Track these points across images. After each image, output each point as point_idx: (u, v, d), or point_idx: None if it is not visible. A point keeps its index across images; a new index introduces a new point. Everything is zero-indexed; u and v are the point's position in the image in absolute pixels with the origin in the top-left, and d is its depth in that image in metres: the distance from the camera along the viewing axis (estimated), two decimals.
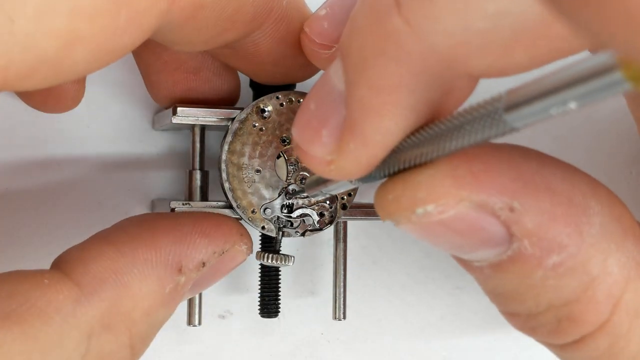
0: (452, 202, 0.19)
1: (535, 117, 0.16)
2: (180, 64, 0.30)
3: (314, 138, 0.21)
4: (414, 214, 0.20)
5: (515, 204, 0.20)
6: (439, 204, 0.19)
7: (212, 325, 0.34)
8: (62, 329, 0.22)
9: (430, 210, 0.20)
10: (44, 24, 0.18)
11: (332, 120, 0.20)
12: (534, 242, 0.20)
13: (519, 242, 0.20)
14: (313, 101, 0.21)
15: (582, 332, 0.21)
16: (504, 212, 0.20)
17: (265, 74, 0.29)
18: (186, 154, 0.33)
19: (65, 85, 0.29)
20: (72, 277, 0.23)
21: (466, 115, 0.18)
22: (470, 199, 0.20)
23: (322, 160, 0.21)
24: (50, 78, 0.19)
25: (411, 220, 0.20)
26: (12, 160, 0.31)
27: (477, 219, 0.20)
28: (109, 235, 0.25)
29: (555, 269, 0.20)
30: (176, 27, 0.23)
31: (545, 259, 0.20)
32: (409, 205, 0.20)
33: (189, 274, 0.25)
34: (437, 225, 0.20)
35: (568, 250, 0.20)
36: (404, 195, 0.20)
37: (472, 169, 0.20)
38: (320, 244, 0.35)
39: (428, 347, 0.36)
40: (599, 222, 0.20)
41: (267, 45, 0.27)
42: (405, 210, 0.20)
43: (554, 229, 0.20)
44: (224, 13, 0.23)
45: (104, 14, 0.19)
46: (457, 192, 0.19)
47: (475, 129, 0.18)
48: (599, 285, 0.20)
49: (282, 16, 0.26)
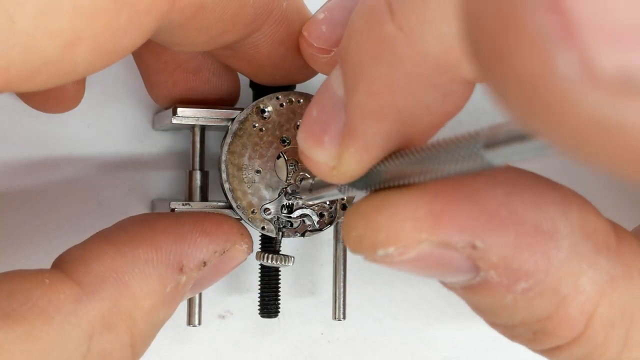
0: (412, 244, 0.19)
1: (514, 158, 0.16)
2: (180, 64, 0.30)
3: (316, 144, 0.21)
4: (375, 254, 0.20)
5: (478, 242, 0.20)
6: (399, 247, 0.19)
7: (212, 325, 0.34)
8: (63, 329, 0.22)
9: (391, 252, 0.20)
10: (45, 24, 0.18)
11: (333, 126, 0.21)
12: (500, 273, 0.20)
13: (486, 272, 0.20)
14: (315, 108, 0.21)
15: (558, 343, 0.21)
16: (466, 249, 0.20)
17: (265, 75, 0.29)
18: (186, 154, 0.33)
19: (65, 86, 0.29)
20: (73, 277, 0.23)
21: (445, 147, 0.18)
22: (431, 240, 0.20)
23: (325, 165, 0.21)
24: (51, 79, 0.19)
25: (374, 259, 0.20)
26: (12, 160, 0.31)
27: (440, 255, 0.20)
28: (109, 235, 0.25)
29: (525, 293, 0.20)
30: (176, 27, 0.23)
31: (513, 286, 0.20)
32: (370, 246, 0.20)
33: (190, 273, 0.25)
34: (400, 264, 0.20)
35: (536, 277, 0.20)
36: (365, 236, 0.20)
37: (432, 210, 0.19)
38: (320, 244, 0.35)
39: (428, 346, 0.36)
40: (567, 244, 0.20)
41: (267, 47, 0.27)
42: (367, 250, 0.20)
43: (519, 259, 0.20)
44: (224, 14, 0.23)
45: (104, 14, 0.19)
46: (417, 235, 0.19)
47: (454, 161, 0.18)
48: (571, 303, 0.20)
49: (282, 18, 0.26)
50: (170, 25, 0.22)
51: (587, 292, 0.20)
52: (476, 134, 0.17)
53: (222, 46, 0.26)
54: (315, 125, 0.21)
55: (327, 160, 0.21)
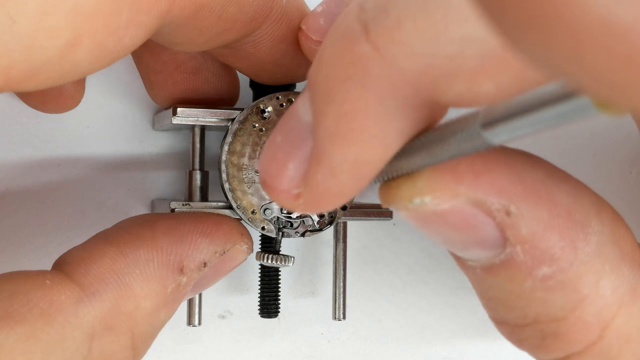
0: (449, 196, 0.20)
1: (511, 135, 0.16)
2: (179, 64, 0.30)
3: (280, 171, 0.20)
4: (410, 202, 0.20)
5: (512, 208, 0.20)
6: (436, 196, 0.19)
7: (212, 325, 0.34)
8: (64, 330, 0.22)
9: (427, 202, 0.20)
10: (46, 24, 0.18)
11: (299, 152, 0.20)
12: (526, 250, 0.20)
13: (512, 247, 0.20)
14: (279, 134, 0.21)
15: (568, 351, 0.21)
16: (500, 214, 0.20)
17: (265, 73, 0.29)
18: (186, 154, 0.33)
19: (64, 85, 0.29)
20: (74, 278, 0.23)
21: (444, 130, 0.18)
22: (467, 195, 0.20)
23: (289, 194, 0.20)
24: (52, 79, 0.19)
25: (408, 208, 0.20)
26: (12, 160, 0.31)
27: (472, 216, 0.20)
28: (110, 236, 0.25)
29: (545, 280, 0.20)
30: (177, 27, 0.23)
31: (535, 269, 0.20)
32: (408, 195, 0.20)
33: (191, 274, 0.25)
34: (433, 217, 0.20)
35: (559, 264, 0.20)
36: (404, 184, 0.20)
37: (474, 167, 0.20)
38: (320, 244, 0.35)
39: (428, 347, 0.36)
40: (596, 241, 0.20)
41: (268, 45, 0.27)
42: (402, 199, 0.20)
43: (547, 240, 0.20)
44: (224, 13, 0.23)
45: (105, 13, 0.19)
46: (455, 187, 0.19)
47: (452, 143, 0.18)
48: (589, 306, 0.20)
49: (282, 15, 0.26)
50: (171, 25, 0.22)
51: (607, 297, 0.20)
52: (474, 114, 0.17)
53: (223, 45, 0.26)
54: (279, 152, 0.20)
55: (291, 188, 0.20)
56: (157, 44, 0.26)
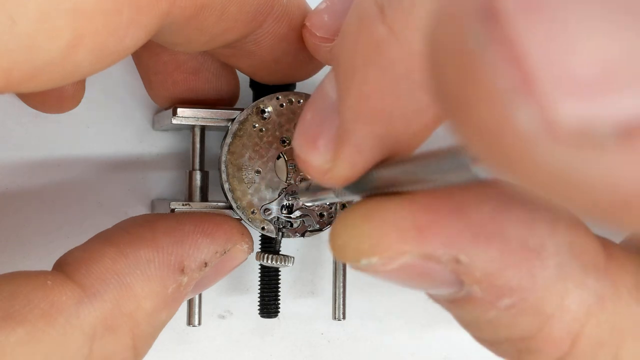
0: (395, 255, 0.19)
1: None
2: (179, 64, 0.30)
3: (311, 147, 0.21)
4: (358, 263, 0.20)
5: (462, 257, 0.19)
6: (382, 257, 0.19)
7: (212, 325, 0.34)
8: (65, 331, 0.22)
9: (375, 262, 0.19)
10: (46, 25, 0.18)
11: (327, 129, 0.21)
12: (484, 288, 0.20)
13: (469, 286, 0.20)
14: (309, 111, 0.21)
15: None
16: (450, 263, 0.19)
17: (266, 72, 0.29)
18: (186, 155, 0.33)
19: (65, 86, 0.29)
20: (75, 279, 0.23)
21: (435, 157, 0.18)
22: (414, 252, 0.19)
23: (320, 168, 0.21)
24: (53, 79, 0.19)
25: (358, 267, 0.20)
26: (12, 160, 0.31)
27: (424, 267, 0.20)
28: (110, 236, 0.25)
29: (508, 310, 0.20)
30: (177, 27, 0.23)
31: (496, 302, 0.20)
32: (354, 256, 0.20)
33: (192, 274, 0.25)
34: (384, 274, 0.20)
35: (519, 294, 0.20)
36: (349, 245, 0.20)
37: (417, 222, 0.19)
38: (320, 244, 0.35)
39: (428, 347, 0.36)
40: (554, 263, 0.20)
41: (269, 43, 0.27)
42: (351, 259, 0.20)
43: (504, 276, 0.20)
44: (225, 13, 0.23)
45: (105, 14, 0.19)
46: (400, 247, 0.19)
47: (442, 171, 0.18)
48: (556, 323, 0.20)
49: (283, 14, 0.26)
50: (172, 25, 0.22)
51: (573, 311, 0.20)
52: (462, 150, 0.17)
53: (224, 45, 0.26)
54: (309, 128, 0.21)
55: (321, 164, 0.21)
56: (157, 45, 0.26)
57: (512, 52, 0.10)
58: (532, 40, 0.10)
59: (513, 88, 0.10)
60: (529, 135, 0.10)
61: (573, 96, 0.10)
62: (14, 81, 0.18)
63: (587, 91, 0.10)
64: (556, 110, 0.10)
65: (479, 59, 0.11)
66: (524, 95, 0.10)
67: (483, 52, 0.11)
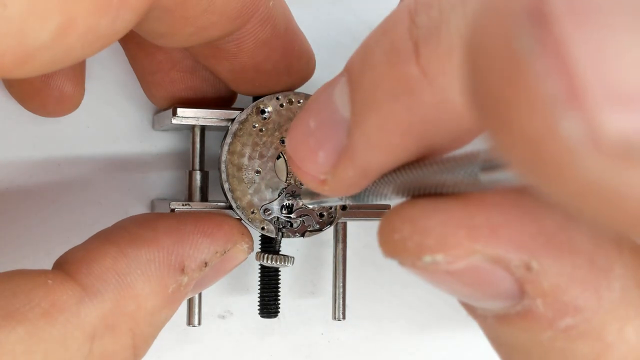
0: (464, 254, 0.18)
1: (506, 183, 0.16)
2: (175, 63, 0.29)
3: (309, 156, 0.20)
4: (420, 260, 0.18)
5: (534, 263, 0.18)
6: (449, 255, 0.18)
7: (212, 325, 0.34)
8: (65, 330, 0.22)
9: (439, 260, 0.18)
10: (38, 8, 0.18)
11: (331, 143, 0.20)
12: (547, 303, 0.18)
13: (531, 300, 0.18)
14: (313, 119, 0.20)
15: None
16: (519, 270, 0.18)
17: (245, 79, 0.28)
18: (186, 154, 0.33)
19: (64, 87, 0.29)
20: (76, 278, 0.23)
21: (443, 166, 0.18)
22: (484, 253, 0.18)
23: (315, 177, 0.20)
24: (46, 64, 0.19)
25: (416, 265, 0.18)
26: (12, 160, 0.31)
27: (488, 273, 0.18)
28: (111, 235, 0.25)
29: (567, 331, 0.19)
30: (164, 13, 0.22)
31: (557, 321, 0.18)
32: (416, 251, 0.18)
33: (192, 274, 0.25)
34: (444, 275, 0.18)
35: (583, 314, 0.18)
36: (411, 240, 0.18)
37: (491, 220, 0.18)
38: (320, 244, 0.35)
39: (428, 347, 0.36)
40: (619, 286, 0.19)
41: (250, 46, 0.26)
42: (411, 255, 0.18)
43: (571, 292, 0.18)
44: (211, 4, 0.23)
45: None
46: (471, 245, 0.18)
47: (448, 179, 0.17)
48: (613, 353, 0.19)
49: (267, 17, 0.26)
50: (158, 11, 0.22)
51: (631, 342, 0.19)
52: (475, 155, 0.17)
53: (206, 41, 0.25)
54: (311, 137, 0.20)
55: (317, 174, 0.20)
56: (150, 44, 0.26)
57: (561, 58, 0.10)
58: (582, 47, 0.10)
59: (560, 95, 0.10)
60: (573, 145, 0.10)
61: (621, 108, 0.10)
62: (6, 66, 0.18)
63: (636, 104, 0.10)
64: (603, 121, 0.10)
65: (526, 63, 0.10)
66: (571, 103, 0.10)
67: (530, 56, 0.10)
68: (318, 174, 0.20)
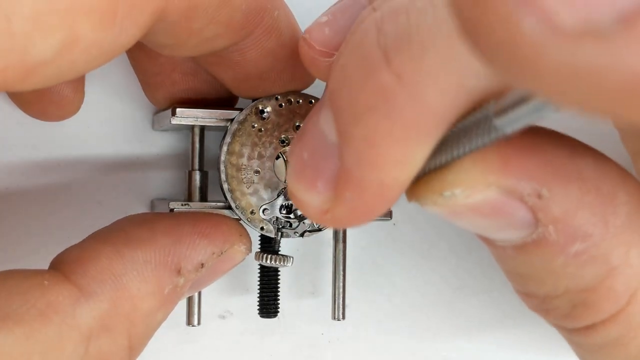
0: (480, 186, 0.20)
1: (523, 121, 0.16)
2: (176, 65, 0.29)
3: (309, 188, 0.21)
4: (440, 196, 0.20)
5: (544, 191, 0.20)
6: (467, 188, 0.20)
7: (212, 325, 0.34)
8: (61, 330, 0.22)
9: (458, 194, 0.20)
10: (42, 23, 0.18)
11: (327, 170, 0.20)
12: (558, 229, 0.20)
13: (544, 227, 0.20)
14: (305, 151, 0.21)
15: (595, 319, 0.21)
16: (531, 198, 0.20)
17: (248, 86, 0.28)
18: (186, 155, 0.33)
19: (64, 92, 0.29)
20: (71, 278, 0.23)
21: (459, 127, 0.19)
22: (499, 184, 0.20)
23: (318, 209, 0.21)
24: (49, 78, 0.19)
25: (437, 203, 0.20)
26: (12, 160, 0.32)
27: (504, 203, 0.20)
28: (107, 236, 0.25)
29: (577, 256, 0.20)
30: (169, 26, 0.22)
31: (568, 246, 0.20)
32: (437, 188, 0.20)
33: (188, 275, 0.25)
34: (463, 209, 0.20)
35: (592, 239, 0.20)
36: (433, 178, 0.20)
37: (502, 154, 0.20)
38: (320, 244, 0.35)
39: (428, 347, 0.36)
40: (625, 212, 0.20)
41: (255, 56, 0.26)
42: (432, 193, 0.20)
43: (580, 217, 0.20)
44: (217, 16, 0.23)
45: (100, 12, 0.19)
46: (486, 177, 0.20)
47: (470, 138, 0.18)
48: (618, 276, 0.21)
49: (273, 27, 0.26)
50: (163, 24, 0.22)
51: (636, 266, 0.21)
52: (486, 107, 0.17)
53: (212, 51, 0.25)
54: (307, 169, 0.21)
55: (320, 204, 0.21)
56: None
57: None
58: None
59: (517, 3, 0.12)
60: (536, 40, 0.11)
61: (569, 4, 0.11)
62: (9, 80, 0.18)
63: None
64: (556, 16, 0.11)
65: None
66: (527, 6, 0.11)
67: None
68: (321, 205, 0.21)
